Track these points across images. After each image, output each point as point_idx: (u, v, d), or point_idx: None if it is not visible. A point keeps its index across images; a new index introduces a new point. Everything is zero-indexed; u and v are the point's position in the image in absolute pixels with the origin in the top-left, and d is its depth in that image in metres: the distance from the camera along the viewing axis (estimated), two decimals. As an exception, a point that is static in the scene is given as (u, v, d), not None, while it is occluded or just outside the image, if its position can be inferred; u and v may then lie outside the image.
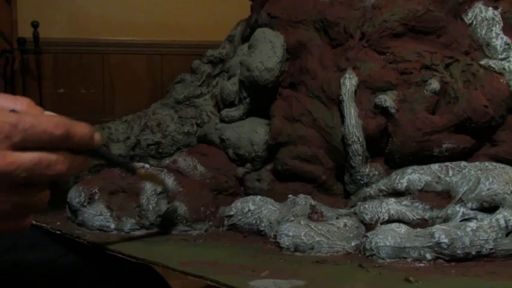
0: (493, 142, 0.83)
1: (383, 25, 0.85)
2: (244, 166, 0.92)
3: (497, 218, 0.68)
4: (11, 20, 2.57)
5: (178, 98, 1.10)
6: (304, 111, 0.87)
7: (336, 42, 0.89)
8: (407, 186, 0.77)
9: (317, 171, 0.86)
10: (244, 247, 0.74)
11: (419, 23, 0.85)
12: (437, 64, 0.83)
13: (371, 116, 0.82)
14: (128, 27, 2.68)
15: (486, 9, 0.88)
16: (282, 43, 0.91)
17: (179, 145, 1.06)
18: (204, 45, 1.43)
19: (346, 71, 0.85)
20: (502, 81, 0.81)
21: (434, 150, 0.80)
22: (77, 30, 2.64)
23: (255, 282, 0.58)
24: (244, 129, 0.93)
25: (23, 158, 0.46)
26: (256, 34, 0.94)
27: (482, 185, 0.71)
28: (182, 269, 0.62)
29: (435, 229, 0.68)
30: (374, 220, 0.75)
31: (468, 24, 0.88)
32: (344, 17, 0.89)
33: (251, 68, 0.90)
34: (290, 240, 0.71)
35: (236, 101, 0.97)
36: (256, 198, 0.81)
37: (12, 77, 2.48)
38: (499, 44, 0.85)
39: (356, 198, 0.82)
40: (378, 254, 0.68)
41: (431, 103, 0.81)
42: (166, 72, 2.68)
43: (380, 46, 0.85)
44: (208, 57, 1.13)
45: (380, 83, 0.83)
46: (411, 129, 0.80)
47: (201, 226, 0.80)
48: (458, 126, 0.81)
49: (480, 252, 0.66)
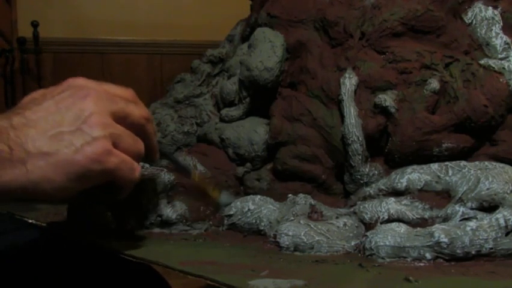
0: (493, 142, 0.83)
1: (383, 25, 0.85)
2: (244, 166, 0.92)
3: (497, 217, 0.68)
4: (11, 19, 2.57)
5: (177, 97, 1.10)
6: (304, 111, 0.87)
7: (336, 41, 0.89)
8: (406, 185, 0.77)
9: (317, 170, 0.86)
10: (244, 247, 0.74)
11: (418, 22, 0.85)
12: (436, 64, 0.83)
13: (371, 116, 0.82)
14: (128, 27, 2.68)
15: (486, 8, 0.88)
16: (281, 43, 0.91)
17: (179, 144, 1.06)
18: (204, 45, 1.43)
19: (346, 70, 0.85)
20: (501, 81, 0.81)
21: (434, 150, 0.80)
22: (77, 29, 2.64)
23: (254, 282, 0.58)
24: (244, 128, 0.93)
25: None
26: (256, 34, 0.94)
27: (482, 184, 0.71)
28: (182, 269, 0.62)
29: (435, 228, 0.68)
30: (374, 219, 0.75)
31: (468, 23, 0.88)
32: (344, 16, 0.89)
33: (251, 68, 0.90)
34: (290, 240, 0.71)
35: (236, 101, 0.97)
36: (256, 198, 0.81)
37: (12, 76, 2.48)
38: (499, 43, 0.85)
39: (356, 197, 0.82)
40: (378, 254, 0.68)
41: (431, 103, 0.81)
42: (166, 71, 2.68)
43: (379, 46, 0.85)
44: (208, 57, 1.13)
45: (379, 83, 0.83)
46: (411, 128, 0.80)
47: (200, 226, 0.80)
48: (457, 125, 0.81)
49: (480, 252, 0.66)
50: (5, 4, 2.49)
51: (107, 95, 0.57)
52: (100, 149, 0.53)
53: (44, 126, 0.52)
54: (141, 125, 0.61)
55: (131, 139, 0.58)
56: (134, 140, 0.59)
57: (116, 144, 0.56)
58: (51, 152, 0.51)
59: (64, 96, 0.55)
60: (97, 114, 0.54)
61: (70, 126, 0.53)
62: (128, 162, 0.57)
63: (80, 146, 0.52)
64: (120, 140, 0.56)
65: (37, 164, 0.51)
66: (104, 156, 0.54)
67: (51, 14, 2.57)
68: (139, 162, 0.61)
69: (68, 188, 0.52)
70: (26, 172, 0.51)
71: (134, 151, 0.59)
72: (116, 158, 0.55)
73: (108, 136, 0.55)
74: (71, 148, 0.52)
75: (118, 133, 0.56)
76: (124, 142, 0.57)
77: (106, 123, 0.55)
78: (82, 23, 2.62)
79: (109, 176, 0.56)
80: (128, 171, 0.57)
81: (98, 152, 0.53)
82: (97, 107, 0.54)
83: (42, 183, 0.51)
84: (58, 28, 2.59)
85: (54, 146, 0.52)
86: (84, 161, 0.52)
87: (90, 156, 0.52)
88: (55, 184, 0.51)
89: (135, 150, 0.59)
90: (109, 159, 0.54)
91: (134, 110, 0.60)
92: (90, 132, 0.53)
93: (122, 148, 0.56)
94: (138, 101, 0.62)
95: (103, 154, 0.54)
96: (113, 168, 0.55)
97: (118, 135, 0.56)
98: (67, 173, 0.52)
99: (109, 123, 0.55)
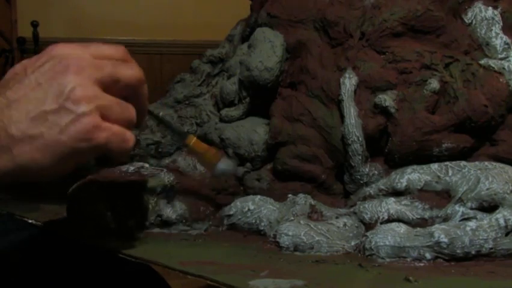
0: (493, 142, 0.83)
1: (383, 25, 0.85)
2: (243, 166, 0.92)
3: (496, 217, 0.68)
4: (11, 19, 2.57)
5: (177, 97, 1.10)
6: (304, 111, 0.87)
7: (335, 41, 0.89)
8: (406, 185, 0.77)
9: (317, 170, 0.86)
10: (244, 247, 0.74)
11: (418, 22, 0.85)
12: (436, 64, 0.83)
13: (371, 116, 0.82)
14: (128, 27, 2.68)
15: (486, 8, 0.88)
16: (281, 42, 0.91)
17: (179, 144, 1.05)
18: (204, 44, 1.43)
19: (346, 70, 0.85)
20: (501, 81, 0.81)
21: (434, 150, 0.80)
22: (76, 29, 2.64)
23: (254, 282, 0.58)
24: (244, 128, 0.93)
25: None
26: (255, 34, 0.94)
27: (481, 184, 0.71)
28: (182, 269, 0.62)
29: (434, 229, 0.68)
30: (374, 220, 0.75)
31: (468, 23, 0.88)
32: (344, 16, 0.89)
33: (251, 68, 0.90)
34: (290, 240, 0.71)
35: (236, 101, 0.97)
36: (255, 198, 0.81)
37: (12, 76, 2.47)
38: (499, 43, 0.85)
39: (356, 197, 0.82)
40: (378, 254, 0.68)
41: (431, 103, 0.81)
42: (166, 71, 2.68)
43: (379, 46, 0.85)
44: (208, 57, 1.13)
45: (379, 83, 0.83)
46: (411, 128, 0.80)
47: (200, 226, 0.80)
48: (457, 125, 0.81)
49: (480, 252, 0.66)
50: (5, 4, 2.49)
51: (92, 61, 0.52)
52: (86, 126, 0.50)
53: (26, 107, 0.50)
54: (133, 87, 0.57)
55: (120, 107, 0.54)
56: (124, 108, 0.55)
57: (104, 116, 0.52)
58: (36, 135, 0.49)
59: (45, 70, 0.51)
60: (80, 87, 0.50)
61: (52, 104, 0.50)
62: (120, 134, 0.53)
63: (65, 125, 0.50)
64: (108, 110, 0.52)
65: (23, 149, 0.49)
66: (91, 133, 0.51)
67: (51, 14, 2.57)
68: (132, 129, 0.56)
69: (58, 169, 0.50)
70: (12, 157, 0.49)
71: (125, 119, 0.54)
72: (105, 132, 0.52)
73: (94, 110, 0.51)
74: (55, 129, 0.49)
75: (106, 104, 0.52)
76: (113, 112, 0.53)
77: (91, 96, 0.51)
78: (82, 22, 2.62)
79: (101, 151, 0.53)
80: (121, 143, 0.53)
81: (85, 129, 0.50)
82: (80, 79, 0.51)
83: (31, 166, 0.49)
84: (58, 28, 2.59)
85: (38, 127, 0.49)
86: (70, 141, 0.50)
87: (75, 135, 0.50)
88: (44, 166, 0.50)
89: (126, 118, 0.54)
90: (98, 135, 0.51)
91: (126, 71, 0.55)
92: (74, 109, 0.50)
93: (112, 119, 0.53)
94: (130, 59, 0.57)
95: (90, 131, 0.50)
96: (103, 143, 0.52)
97: (106, 107, 0.52)
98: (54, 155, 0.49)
99: (94, 95, 0.51)
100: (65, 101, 0.50)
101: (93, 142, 0.51)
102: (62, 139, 0.49)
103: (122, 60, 0.56)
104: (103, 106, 0.52)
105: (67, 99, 0.50)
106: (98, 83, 0.52)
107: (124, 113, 0.54)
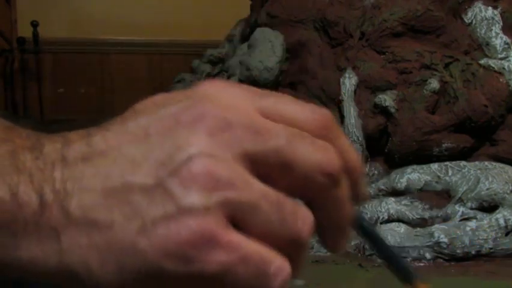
0: (493, 141, 0.83)
1: (383, 25, 0.85)
2: (243, 166, 0.92)
3: (496, 217, 0.68)
4: (11, 19, 2.57)
5: (177, 97, 1.10)
6: (304, 111, 0.87)
7: (335, 41, 0.89)
8: (406, 185, 0.77)
9: (317, 170, 0.86)
10: (244, 247, 0.74)
11: (418, 22, 0.85)
12: (436, 64, 0.83)
13: (371, 116, 0.82)
14: (128, 27, 2.68)
15: (486, 8, 0.88)
16: (281, 43, 0.91)
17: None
18: (204, 44, 1.43)
19: (346, 70, 0.85)
20: (501, 81, 0.81)
21: (434, 150, 0.80)
22: (77, 29, 2.64)
23: (254, 282, 0.58)
24: (243, 128, 0.93)
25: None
26: (255, 34, 0.94)
27: (481, 184, 0.71)
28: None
29: (434, 229, 0.68)
30: (374, 219, 0.75)
31: (468, 23, 0.88)
32: (344, 16, 0.89)
33: (251, 68, 0.90)
34: (290, 240, 0.71)
35: (236, 101, 0.97)
36: (255, 198, 0.81)
37: (11, 76, 2.48)
38: (499, 43, 0.85)
39: (356, 197, 0.82)
40: (378, 254, 0.68)
41: (431, 102, 0.81)
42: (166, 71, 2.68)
43: (379, 46, 0.85)
44: (208, 57, 1.13)
45: (379, 83, 0.83)
46: (411, 128, 0.80)
47: (200, 226, 0.80)
48: (457, 125, 0.81)
49: (479, 252, 0.66)
50: (5, 4, 2.50)
51: (251, 122, 0.23)
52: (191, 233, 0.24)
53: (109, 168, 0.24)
54: (319, 184, 0.23)
55: (278, 210, 0.22)
56: (289, 213, 0.23)
57: (240, 220, 0.23)
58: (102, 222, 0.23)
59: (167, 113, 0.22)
60: (205, 160, 0.22)
61: (147, 176, 0.21)
62: (257, 260, 0.22)
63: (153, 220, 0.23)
64: (252, 212, 0.23)
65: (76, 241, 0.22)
66: (197, 249, 0.22)
67: (51, 14, 2.57)
68: (298, 255, 0.24)
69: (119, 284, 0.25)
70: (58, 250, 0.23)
71: (285, 234, 0.23)
72: (227, 251, 0.22)
73: (218, 205, 0.22)
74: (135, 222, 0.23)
75: (248, 199, 0.23)
76: (260, 217, 0.23)
77: (220, 178, 0.22)
78: (82, 23, 2.62)
79: (204, 284, 0.23)
80: (253, 278, 0.22)
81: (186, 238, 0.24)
82: (211, 145, 0.22)
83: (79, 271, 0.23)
84: (58, 28, 2.59)
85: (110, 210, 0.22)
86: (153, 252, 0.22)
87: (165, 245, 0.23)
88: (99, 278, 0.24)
89: (287, 232, 0.23)
90: (209, 255, 0.22)
91: (309, 154, 0.23)
92: (179, 196, 0.23)
93: (253, 228, 0.23)
94: (332, 136, 0.23)
95: (195, 243, 0.19)
96: (216, 271, 0.22)
97: (247, 204, 0.23)
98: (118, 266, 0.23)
99: (228, 179, 0.22)
100: (169, 177, 0.23)
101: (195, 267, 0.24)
102: (141, 245, 0.23)
103: (319, 135, 0.24)
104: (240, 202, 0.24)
105: (174, 173, 0.23)
106: (248, 161, 0.23)
107: (284, 224, 0.23)
